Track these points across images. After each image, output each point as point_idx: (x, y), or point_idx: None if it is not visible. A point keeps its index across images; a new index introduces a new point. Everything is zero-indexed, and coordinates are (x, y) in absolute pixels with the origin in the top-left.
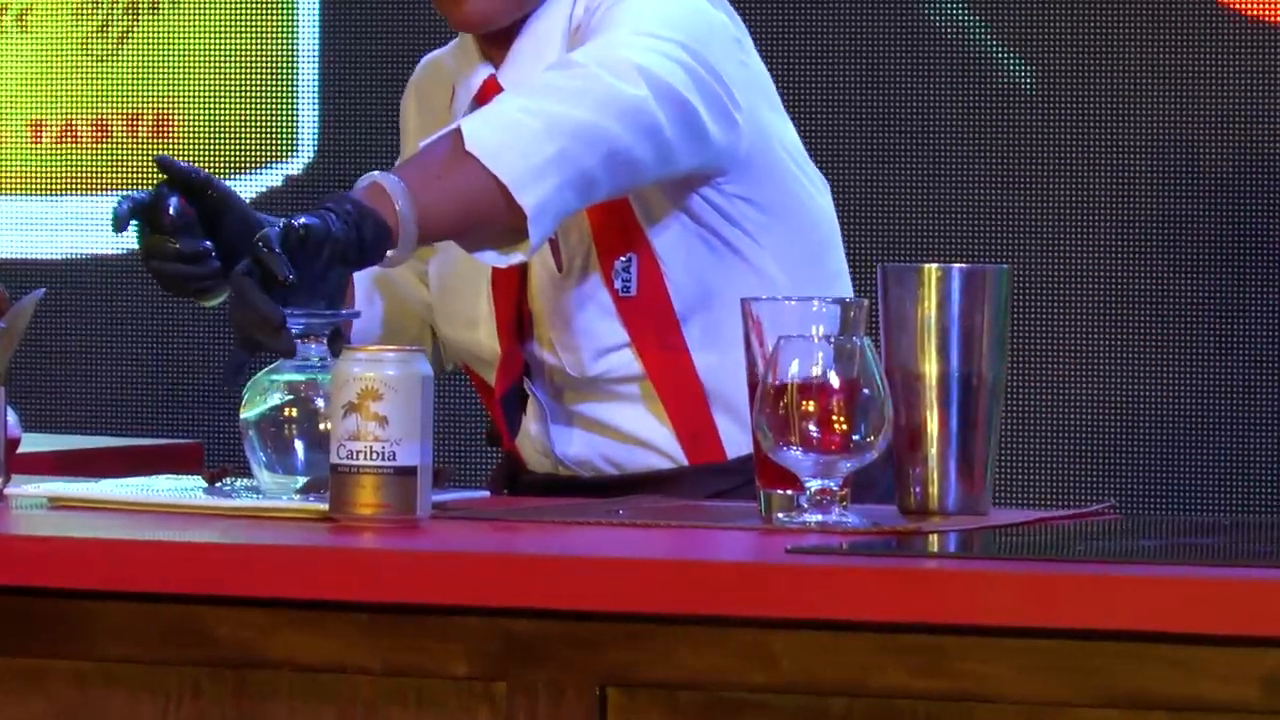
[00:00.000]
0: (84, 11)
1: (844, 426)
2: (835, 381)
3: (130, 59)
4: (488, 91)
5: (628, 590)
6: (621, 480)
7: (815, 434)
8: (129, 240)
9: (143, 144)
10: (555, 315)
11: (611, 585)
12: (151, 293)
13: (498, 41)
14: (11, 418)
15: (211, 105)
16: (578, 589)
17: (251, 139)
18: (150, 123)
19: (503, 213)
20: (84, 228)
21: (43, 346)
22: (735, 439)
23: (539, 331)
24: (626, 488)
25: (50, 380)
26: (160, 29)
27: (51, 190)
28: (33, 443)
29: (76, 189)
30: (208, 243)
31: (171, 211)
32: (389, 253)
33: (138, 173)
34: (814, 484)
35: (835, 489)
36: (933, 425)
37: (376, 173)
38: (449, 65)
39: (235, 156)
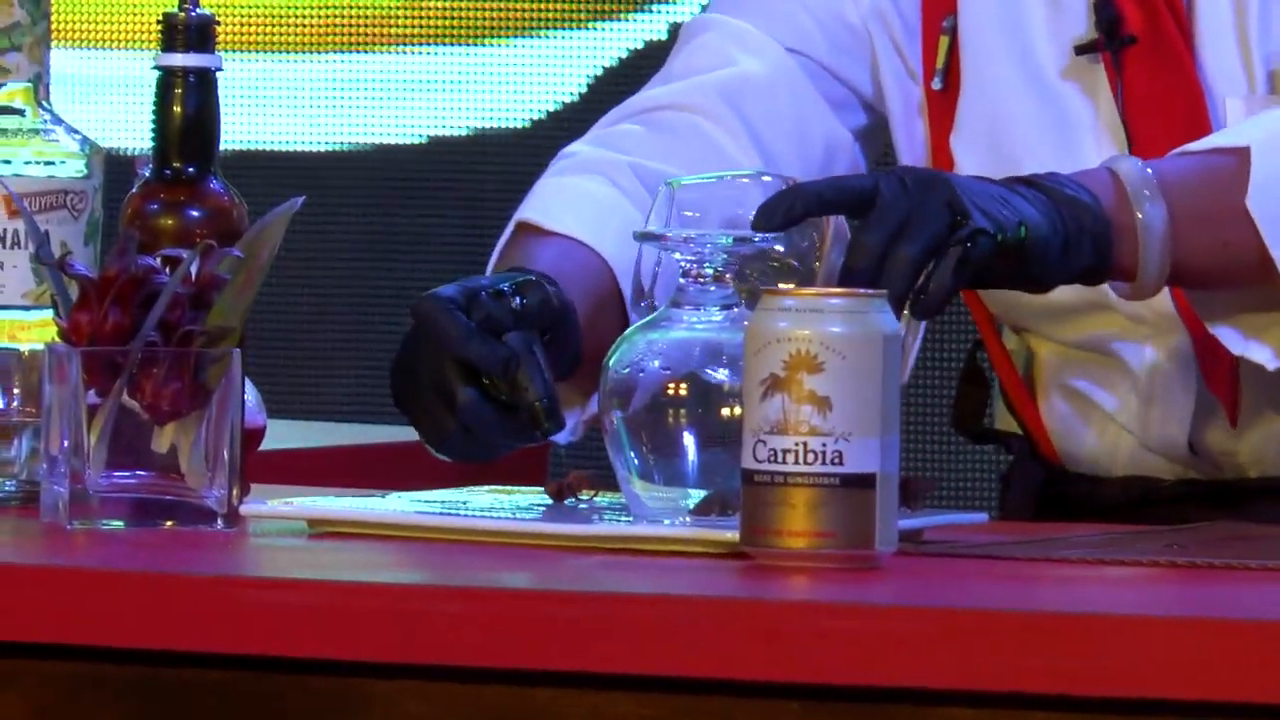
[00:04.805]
0: None
1: None
2: None
3: None
4: None
5: (1195, 667)
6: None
7: None
8: (430, 123)
9: None
10: None
11: (1175, 659)
12: (464, 199)
13: None
14: (251, 397)
15: None
16: (1122, 665)
17: None
18: None
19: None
20: (361, 104)
21: (299, 288)
22: None
23: None
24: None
25: (310, 341)
26: None
27: (314, 46)
28: (281, 434)
29: (350, 43)
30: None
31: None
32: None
33: (446, 24)
34: None
35: None
36: None
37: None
38: None
39: None
